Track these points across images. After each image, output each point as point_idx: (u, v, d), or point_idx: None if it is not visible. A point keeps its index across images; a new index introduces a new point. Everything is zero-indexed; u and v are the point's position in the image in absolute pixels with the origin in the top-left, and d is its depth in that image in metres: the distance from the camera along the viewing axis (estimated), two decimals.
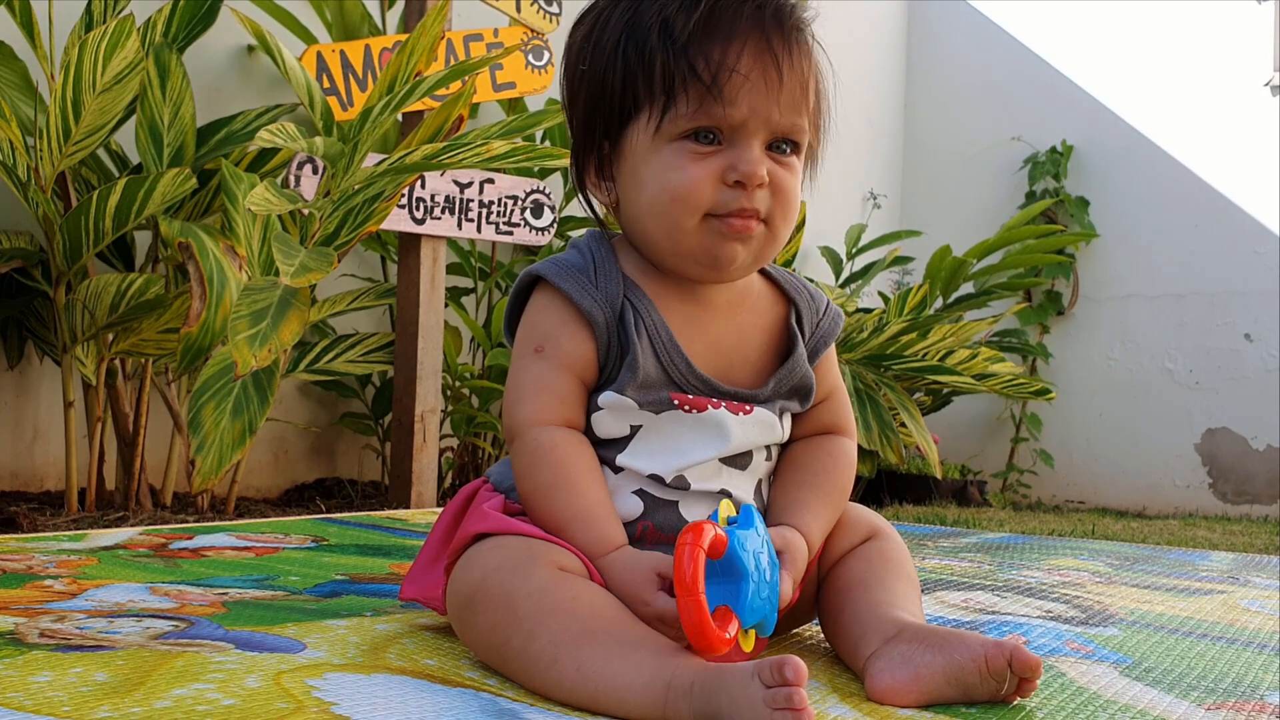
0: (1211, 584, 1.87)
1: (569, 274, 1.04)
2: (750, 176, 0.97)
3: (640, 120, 1.00)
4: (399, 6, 2.79)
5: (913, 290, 3.59)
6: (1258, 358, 4.30)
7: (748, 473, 1.08)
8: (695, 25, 0.97)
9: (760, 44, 0.98)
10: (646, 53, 0.98)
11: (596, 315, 1.03)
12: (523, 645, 0.89)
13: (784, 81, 0.98)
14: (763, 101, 0.97)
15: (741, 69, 0.97)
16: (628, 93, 1.00)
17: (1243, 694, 1.05)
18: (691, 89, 0.97)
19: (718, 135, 0.98)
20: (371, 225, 2.15)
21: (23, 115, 2.05)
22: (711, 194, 0.98)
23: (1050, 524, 3.14)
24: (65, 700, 0.79)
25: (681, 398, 1.03)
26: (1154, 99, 4.74)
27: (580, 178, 1.09)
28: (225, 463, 1.78)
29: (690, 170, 0.98)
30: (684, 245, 1.01)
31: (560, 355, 1.03)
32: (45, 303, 2.15)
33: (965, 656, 0.91)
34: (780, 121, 0.99)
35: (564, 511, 0.99)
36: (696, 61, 0.96)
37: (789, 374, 1.08)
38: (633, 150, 1.01)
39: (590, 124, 1.04)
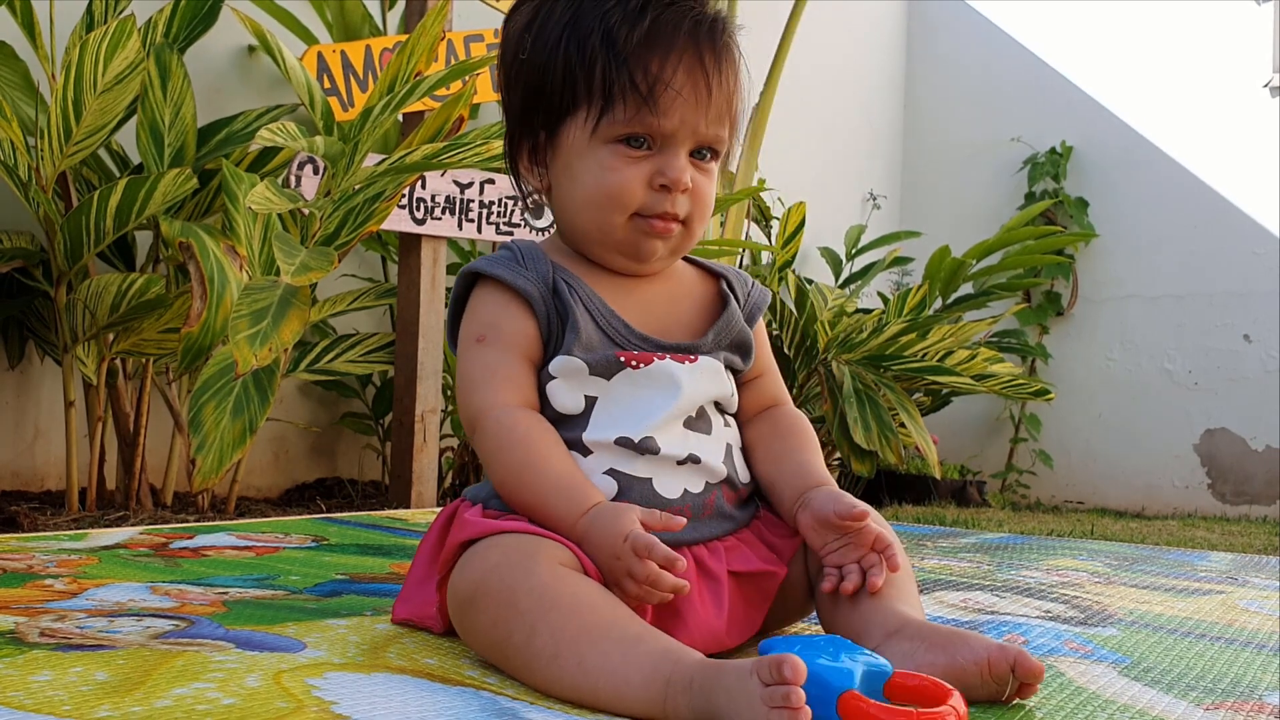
0: (1210, 584, 1.87)
1: (500, 263, 1.10)
2: (676, 183, 1.05)
3: (577, 117, 1.06)
4: (400, 7, 2.80)
5: (912, 291, 3.59)
6: (1257, 359, 4.30)
7: (713, 437, 1.10)
8: (637, 38, 1.03)
9: (694, 61, 1.04)
10: (588, 56, 1.04)
11: (531, 291, 1.07)
12: (524, 641, 0.89)
13: (712, 97, 1.05)
14: (692, 114, 1.04)
15: (676, 84, 1.03)
16: (567, 90, 1.05)
17: (1241, 694, 1.05)
18: (629, 98, 1.03)
19: (648, 141, 1.05)
20: (372, 225, 2.15)
21: (24, 115, 2.05)
22: (640, 195, 1.05)
23: (1049, 524, 3.14)
24: (65, 699, 0.79)
25: (628, 355, 1.07)
26: (1154, 100, 4.74)
27: (514, 162, 1.14)
28: (225, 462, 1.78)
29: (623, 172, 1.04)
30: (611, 238, 1.08)
31: (503, 338, 1.07)
32: (46, 302, 2.15)
33: (968, 659, 0.91)
34: (706, 133, 1.06)
35: (538, 485, 1.01)
36: (636, 73, 1.02)
37: (726, 326, 1.14)
38: (569, 145, 1.07)
39: (527, 113, 1.10)
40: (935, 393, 3.75)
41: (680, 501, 1.06)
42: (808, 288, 3.23)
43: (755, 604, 1.08)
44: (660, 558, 0.93)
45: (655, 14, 1.04)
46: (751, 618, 1.08)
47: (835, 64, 4.73)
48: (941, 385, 3.33)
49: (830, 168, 4.72)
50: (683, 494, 1.06)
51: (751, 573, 1.08)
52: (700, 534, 1.07)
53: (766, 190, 3.52)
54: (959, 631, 0.96)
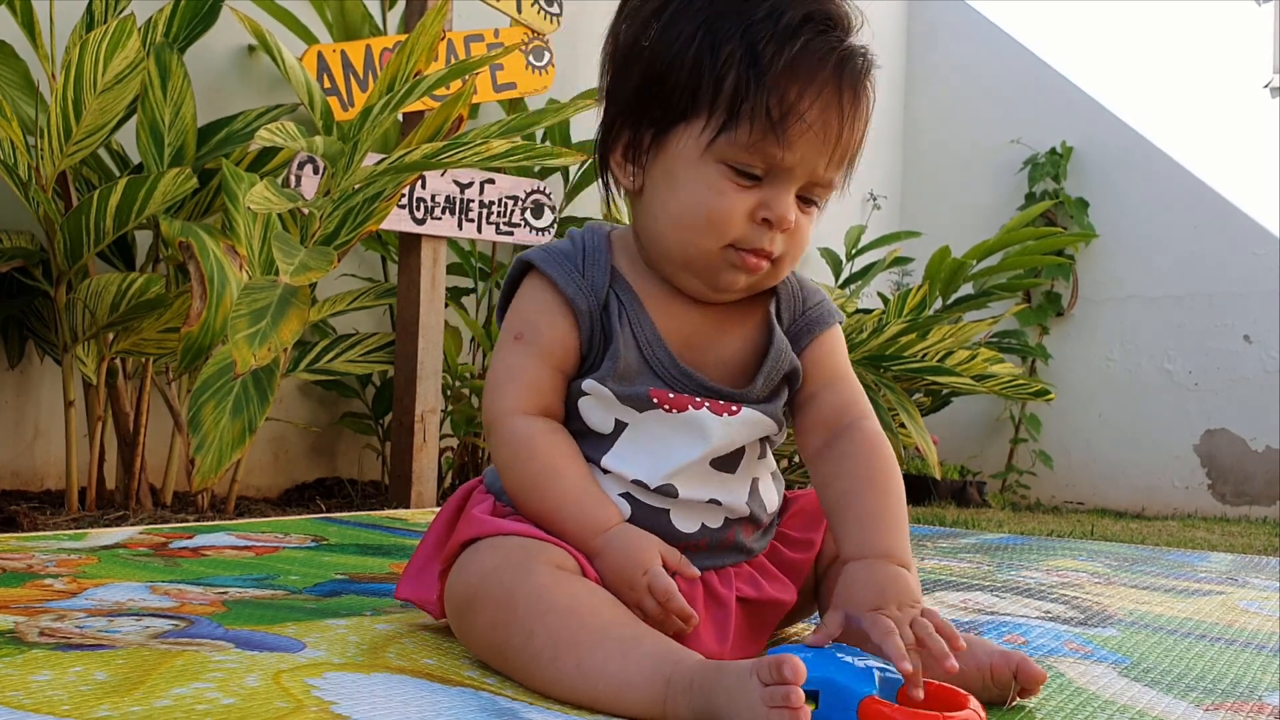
0: (1210, 585, 1.87)
1: (556, 260, 1.04)
2: (780, 221, 0.97)
3: (694, 125, 0.97)
4: (400, 6, 2.79)
5: (912, 291, 3.59)
6: (1257, 359, 4.30)
7: (738, 475, 1.06)
8: (783, 60, 0.94)
9: (832, 97, 0.96)
10: (722, 63, 0.95)
11: (580, 302, 1.03)
12: (522, 644, 0.89)
13: (841, 139, 0.98)
14: (814, 153, 0.97)
15: (809, 118, 0.95)
16: (690, 92, 0.97)
17: (1241, 694, 1.05)
18: (757, 121, 0.94)
19: (760, 174, 0.97)
20: (371, 225, 2.15)
21: (24, 115, 2.05)
22: (739, 227, 0.97)
23: (1049, 525, 3.14)
24: (65, 699, 0.79)
25: (662, 396, 1.02)
26: (1154, 101, 4.74)
27: (605, 152, 1.05)
28: (225, 462, 1.78)
29: (728, 198, 0.97)
30: (695, 263, 1.00)
31: (539, 343, 1.03)
32: (46, 302, 2.15)
33: (970, 665, 0.91)
34: (822, 175, 0.99)
35: (553, 499, 0.99)
36: (771, 97, 0.94)
37: (775, 368, 1.06)
38: (676, 152, 0.99)
39: (638, 104, 1.00)
40: (935, 393, 3.75)
41: (697, 536, 1.03)
42: None
43: (760, 629, 1.07)
44: (676, 609, 0.92)
45: (806, 39, 0.95)
46: (755, 641, 1.07)
47: None
48: (941, 385, 3.33)
49: None
50: (700, 529, 1.04)
51: (760, 600, 1.06)
52: (713, 563, 1.05)
53: None
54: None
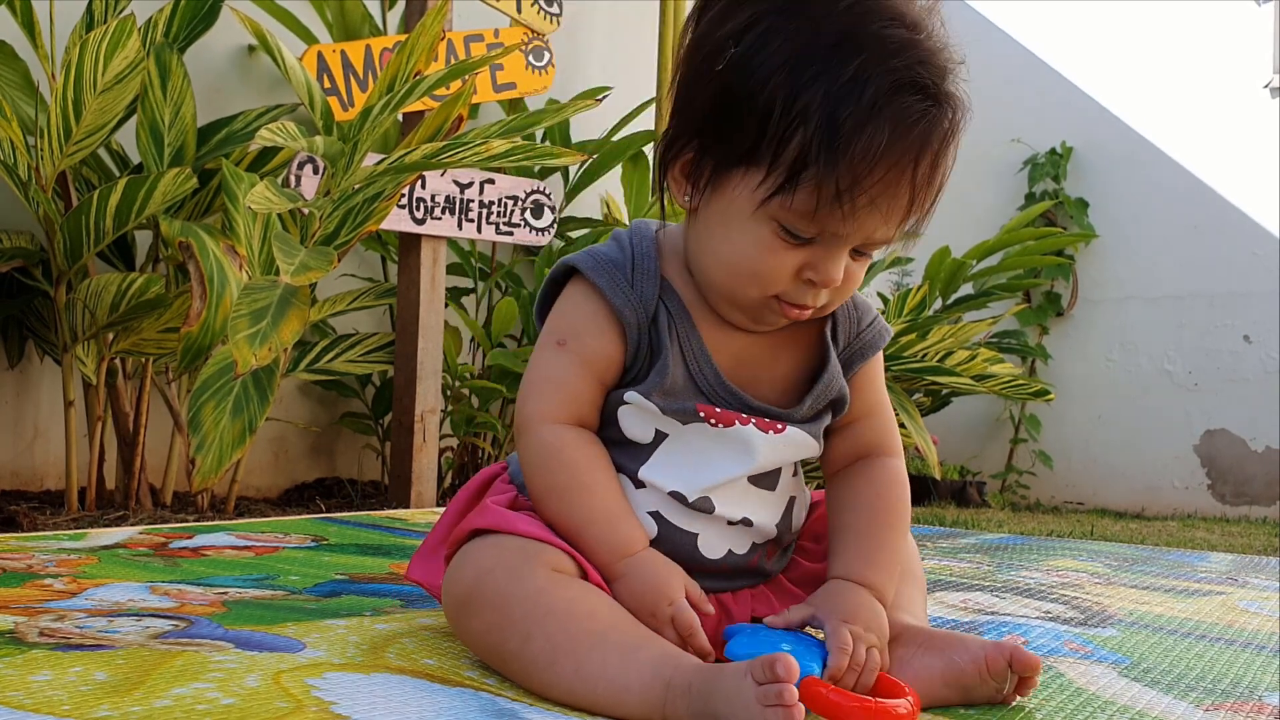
0: (1210, 585, 1.87)
1: (605, 269, 1.00)
2: (827, 283, 0.94)
3: (752, 175, 0.91)
4: (400, 7, 2.80)
5: (912, 291, 3.59)
6: (1257, 359, 4.30)
7: (776, 493, 1.04)
8: (862, 140, 0.87)
9: (905, 171, 0.89)
10: (793, 121, 0.88)
11: (629, 315, 0.99)
12: (519, 648, 0.89)
13: (908, 209, 0.93)
14: (871, 221, 0.91)
15: (873, 193, 0.89)
16: (754, 140, 0.90)
17: (1241, 695, 1.05)
18: (819, 191, 0.88)
19: (813, 239, 0.93)
20: (371, 225, 2.15)
21: (24, 115, 2.05)
22: (785, 283, 0.94)
23: (1049, 525, 3.14)
24: (65, 699, 0.79)
25: (708, 410, 0.99)
26: (1154, 101, 4.74)
27: (666, 159, 0.99)
28: (225, 462, 1.78)
29: (777, 257, 0.93)
30: (738, 304, 0.98)
31: (583, 352, 1.00)
32: (46, 302, 2.15)
33: (964, 659, 0.91)
34: (879, 238, 0.94)
35: (580, 514, 0.97)
36: (841, 171, 0.87)
37: (824, 391, 1.03)
38: (731, 196, 0.93)
39: (702, 131, 0.95)
40: (935, 393, 3.75)
41: (721, 561, 1.02)
42: None
43: None
44: (696, 646, 0.91)
45: (892, 115, 0.87)
46: None
47: None
48: (941, 385, 3.33)
49: None
50: (726, 554, 1.02)
51: None
52: (729, 585, 1.04)
53: None
54: (954, 634, 0.95)
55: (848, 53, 0.88)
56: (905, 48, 0.89)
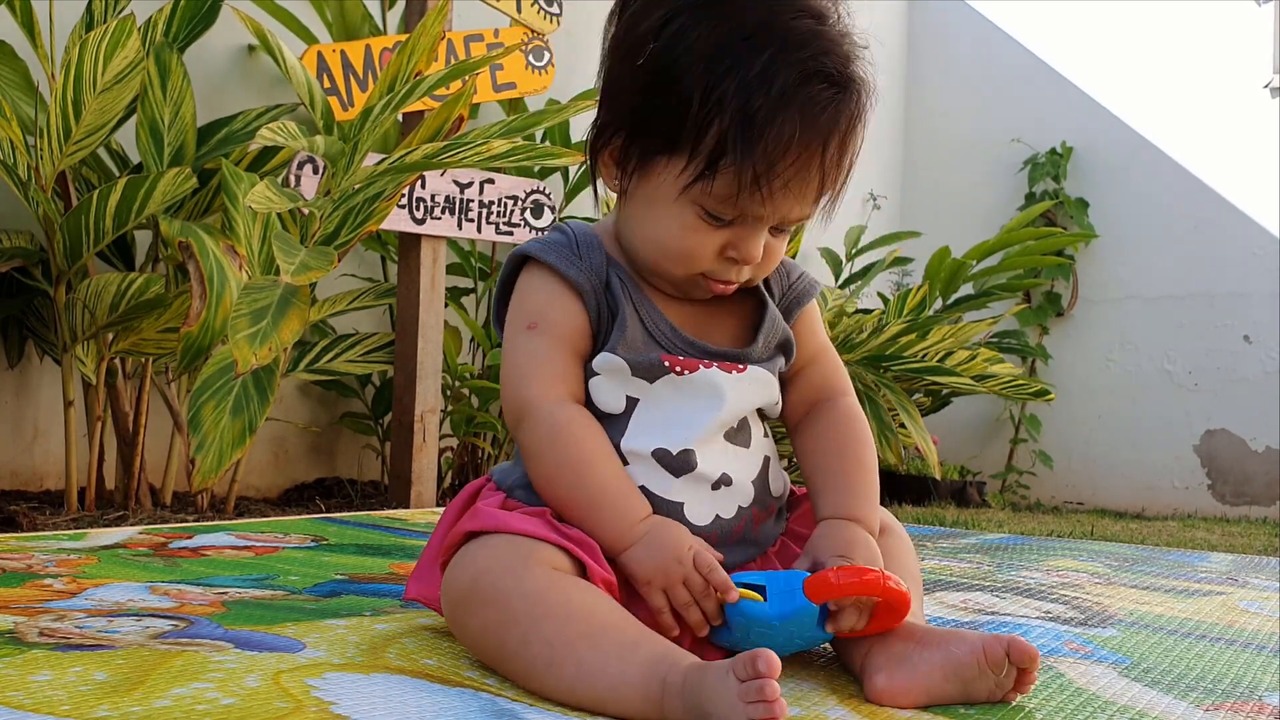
0: (1210, 585, 1.87)
1: (553, 249, 1.06)
2: (748, 261, 1.01)
3: (675, 163, 0.98)
4: (400, 6, 2.80)
5: (912, 291, 3.59)
6: (1256, 359, 4.30)
7: (751, 450, 1.07)
8: (774, 129, 0.93)
9: (815, 154, 0.96)
10: (709, 112, 0.94)
11: (584, 284, 1.04)
12: (519, 648, 0.89)
13: (821, 188, 0.99)
14: (787, 204, 0.98)
15: (788, 177, 0.95)
16: (674, 130, 0.97)
17: (1241, 695, 1.05)
18: (738, 178, 0.95)
19: (734, 220, 0.99)
20: (371, 225, 2.15)
21: (23, 114, 2.05)
22: (709, 261, 1.01)
23: (1049, 525, 3.14)
24: (65, 699, 0.79)
25: (672, 359, 1.03)
26: (1154, 101, 4.74)
27: (595, 152, 1.06)
28: (225, 462, 1.78)
29: (700, 237, 1.00)
30: (667, 280, 1.05)
31: (553, 329, 1.03)
32: (45, 302, 2.15)
33: (963, 651, 0.92)
34: (796, 216, 1.01)
35: (592, 486, 0.99)
36: (756, 159, 0.94)
37: (772, 330, 1.09)
38: (656, 183, 1.00)
39: (626, 121, 1.01)
40: (935, 393, 3.75)
41: (710, 528, 1.03)
42: None
43: None
44: (717, 582, 0.93)
45: (801, 104, 0.93)
46: None
47: None
48: (941, 386, 3.33)
49: None
50: (713, 520, 1.04)
51: None
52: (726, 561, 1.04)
53: None
54: (951, 629, 0.96)
55: (758, 45, 0.94)
56: (812, 38, 0.96)
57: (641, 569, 0.96)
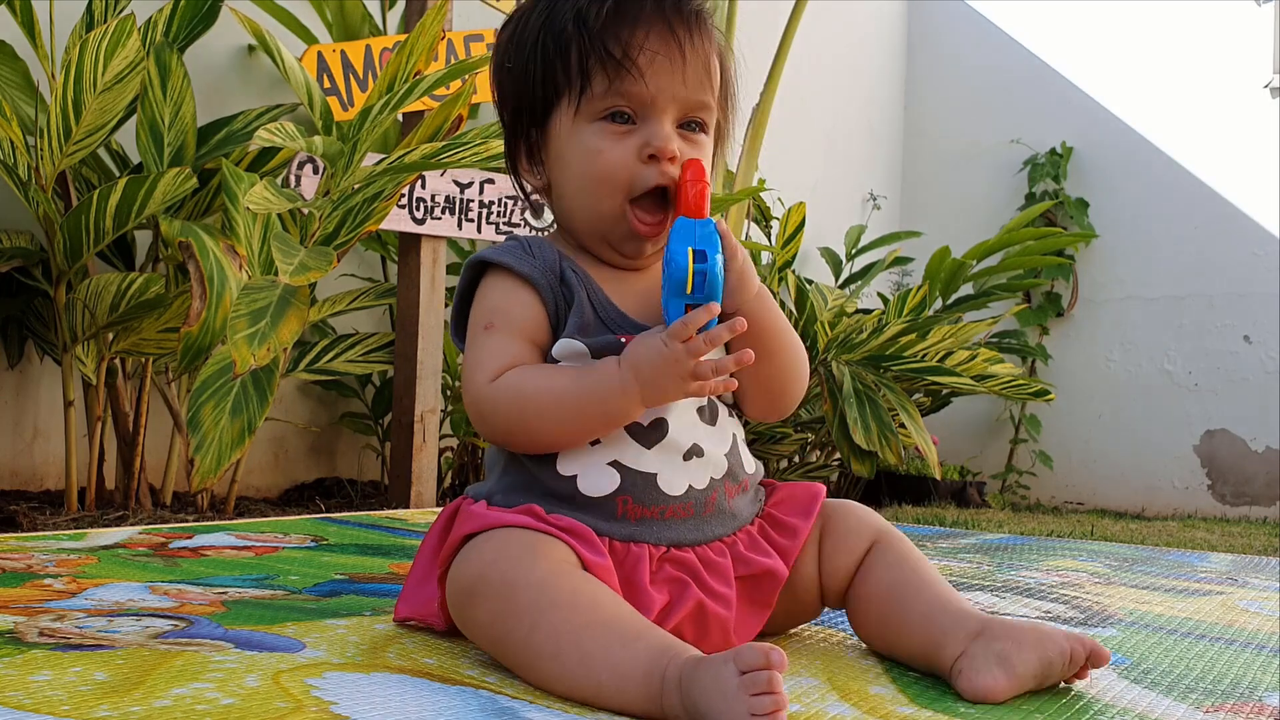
0: (1210, 585, 1.87)
1: (506, 251, 1.10)
2: (663, 150, 1.04)
3: (562, 105, 1.07)
4: (399, 6, 2.80)
5: (912, 291, 3.59)
6: (1257, 360, 4.30)
7: (718, 428, 1.09)
8: (606, 13, 1.04)
9: (664, 27, 1.04)
10: (563, 42, 1.05)
11: (539, 278, 1.07)
12: (525, 637, 0.90)
13: (687, 60, 1.05)
14: (670, 79, 1.04)
15: (650, 47, 1.03)
16: (549, 81, 1.07)
17: (1241, 695, 1.05)
18: (606, 68, 1.03)
19: (631, 115, 1.05)
20: (371, 225, 2.15)
21: (23, 114, 2.05)
22: (629, 170, 1.05)
23: (1049, 525, 3.14)
24: (64, 699, 0.79)
25: (628, 338, 1.05)
26: (1154, 101, 4.74)
27: (514, 166, 1.15)
28: (224, 462, 1.78)
29: (610, 150, 1.05)
30: (606, 230, 1.08)
31: (510, 325, 1.06)
32: (45, 302, 2.15)
33: (1055, 653, 0.97)
34: (688, 98, 1.06)
35: (564, 392, 1.01)
36: (609, 42, 1.03)
37: None
38: (557, 134, 1.08)
39: (518, 115, 1.11)
40: (935, 393, 3.75)
41: (684, 498, 1.05)
42: (808, 288, 3.23)
43: (758, 604, 1.08)
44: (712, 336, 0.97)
45: None
46: (755, 616, 1.08)
47: (835, 64, 4.73)
48: (941, 386, 3.33)
49: (830, 168, 4.72)
50: (687, 490, 1.05)
51: (754, 575, 1.07)
52: (704, 534, 1.06)
53: (766, 190, 3.52)
54: (1038, 627, 1.00)
55: None
56: None
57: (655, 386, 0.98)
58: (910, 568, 1.09)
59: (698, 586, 1.03)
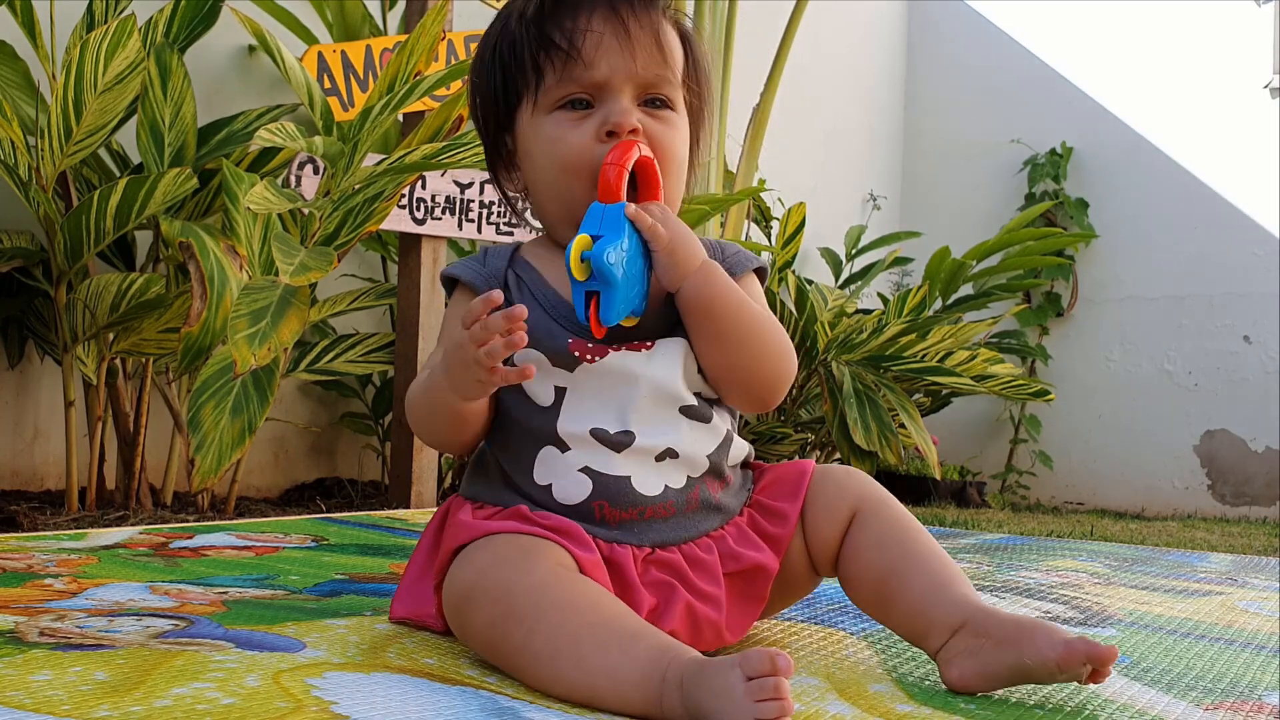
0: (1210, 585, 1.87)
1: (463, 262, 1.14)
2: (620, 125, 1.03)
3: (523, 106, 1.08)
4: (400, 7, 2.80)
5: (912, 291, 3.59)
6: (1257, 360, 4.30)
7: (712, 425, 1.08)
8: (547, 5, 1.05)
9: (606, 8, 1.04)
10: (513, 45, 1.07)
11: (479, 284, 1.09)
12: (523, 641, 0.89)
13: (634, 36, 1.04)
14: (619, 58, 1.03)
15: (594, 29, 1.03)
16: (509, 86, 1.08)
17: (1241, 694, 1.05)
18: (553, 58, 1.04)
19: (589, 100, 1.05)
20: (371, 225, 2.15)
21: (24, 115, 2.05)
22: (592, 154, 1.03)
23: (1049, 525, 3.14)
24: (65, 699, 0.79)
25: (581, 347, 1.04)
26: (1154, 101, 4.74)
27: (495, 177, 1.17)
28: (224, 462, 1.78)
29: (569, 135, 1.05)
30: (575, 216, 1.03)
31: (449, 335, 1.06)
32: (46, 302, 2.15)
33: (1035, 660, 0.93)
34: (643, 74, 1.05)
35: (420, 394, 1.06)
36: (552, 32, 1.04)
37: None
38: (523, 133, 1.09)
39: (488, 127, 1.13)
40: (935, 393, 3.75)
41: (662, 498, 1.05)
42: (807, 288, 3.23)
43: (750, 599, 1.07)
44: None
45: None
46: (748, 612, 1.07)
47: (835, 64, 4.73)
48: (941, 386, 3.33)
49: (830, 168, 4.72)
50: (664, 490, 1.05)
51: (743, 570, 1.07)
52: (690, 532, 1.06)
53: (766, 191, 3.52)
54: (1025, 626, 0.96)
55: None
56: None
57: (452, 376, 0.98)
58: (897, 549, 1.05)
59: (685, 588, 1.02)
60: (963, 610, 0.99)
